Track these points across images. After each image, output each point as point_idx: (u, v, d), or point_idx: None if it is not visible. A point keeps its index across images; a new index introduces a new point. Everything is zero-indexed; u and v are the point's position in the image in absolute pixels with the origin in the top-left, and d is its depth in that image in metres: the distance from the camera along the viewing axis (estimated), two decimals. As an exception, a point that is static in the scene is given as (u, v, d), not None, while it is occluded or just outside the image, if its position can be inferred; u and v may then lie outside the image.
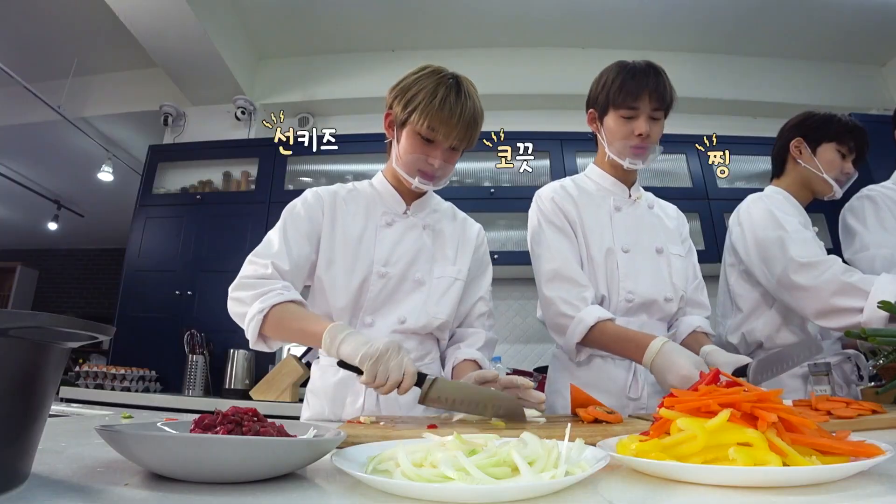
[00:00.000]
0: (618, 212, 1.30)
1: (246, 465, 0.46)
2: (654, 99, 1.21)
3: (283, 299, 0.99)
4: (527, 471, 0.43)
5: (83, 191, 5.22)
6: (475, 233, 1.29)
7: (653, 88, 1.21)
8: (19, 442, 0.41)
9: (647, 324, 1.23)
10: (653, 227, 1.32)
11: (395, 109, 1.11)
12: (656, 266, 1.26)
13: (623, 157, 1.26)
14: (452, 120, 1.05)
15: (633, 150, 1.24)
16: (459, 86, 1.08)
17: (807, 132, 1.47)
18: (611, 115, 1.26)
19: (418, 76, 1.09)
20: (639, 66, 1.24)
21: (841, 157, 1.44)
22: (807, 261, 1.25)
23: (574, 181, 1.37)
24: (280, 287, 1.02)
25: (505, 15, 3.39)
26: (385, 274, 1.12)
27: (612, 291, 1.23)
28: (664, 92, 1.22)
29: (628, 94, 1.21)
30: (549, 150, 3.17)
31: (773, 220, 1.36)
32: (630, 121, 1.23)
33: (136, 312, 3.06)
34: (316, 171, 3.36)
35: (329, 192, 1.19)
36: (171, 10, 2.88)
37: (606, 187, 1.34)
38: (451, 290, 1.17)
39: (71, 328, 0.41)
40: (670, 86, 1.23)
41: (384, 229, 1.17)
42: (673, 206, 1.45)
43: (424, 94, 1.05)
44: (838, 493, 0.42)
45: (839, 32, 3.45)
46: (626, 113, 1.23)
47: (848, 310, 1.17)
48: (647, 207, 1.36)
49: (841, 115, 1.46)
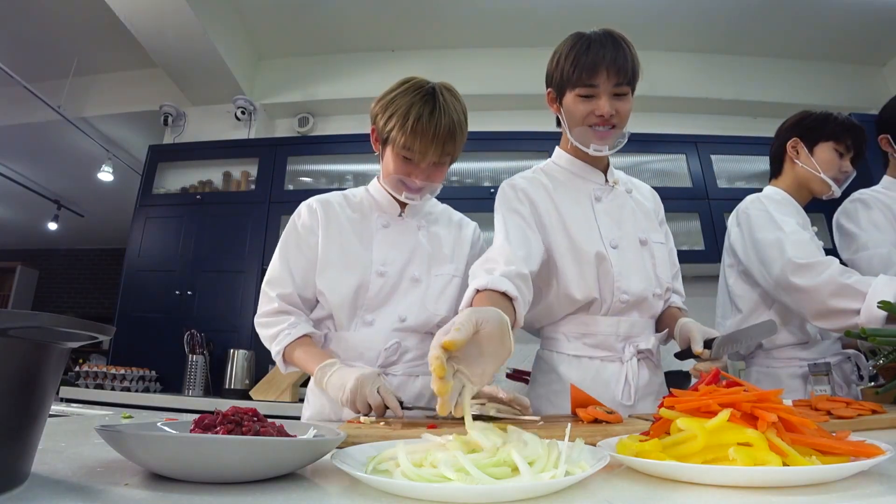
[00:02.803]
0: (598, 202, 1.19)
1: (246, 465, 0.46)
2: (614, 73, 1.06)
3: (291, 339, 1.10)
4: (527, 471, 0.43)
5: (83, 191, 5.22)
6: (471, 231, 1.30)
7: (611, 61, 1.05)
8: (19, 442, 0.41)
9: (638, 323, 1.15)
10: (634, 215, 1.20)
11: (378, 125, 1.12)
12: (643, 260, 1.16)
13: (586, 142, 1.12)
14: (426, 139, 1.04)
15: (596, 133, 1.10)
16: (435, 102, 1.05)
17: (803, 132, 1.47)
18: (568, 96, 1.12)
19: (397, 93, 1.09)
20: (595, 37, 1.09)
21: (838, 156, 1.43)
22: (804, 262, 1.24)
23: (543, 170, 1.25)
24: (287, 326, 1.11)
25: (505, 15, 3.39)
26: (384, 273, 1.14)
27: (606, 292, 1.12)
28: (625, 63, 1.06)
29: (584, 70, 1.07)
30: (548, 151, 3.16)
31: (771, 221, 1.35)
32: (590, 100, 1.09)
33: (136, 312, 3.06)
34: (316, 171, 3.36)
35: (322, 203, 1.21)
36: (171, 10, 2.88)
37: (579, 174, 1.22)
38: (449, 287, 1.18)
39: (71, 328, 0.41)
40: (633, 56, 1.08)
41: (381, 231, 1.20)
42: (647, 186, 1.34)
43: (399, 115, 1.05)
44: (838, 493, 0.42)
45: (839, 32, 3.45)
46: (584, 91, 1.09)
47: (845, 311, 1.16)
48: (626, 193, 1.24)
49: (837, 113, 1.46)
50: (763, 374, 1.42)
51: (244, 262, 3.06)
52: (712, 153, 3.19)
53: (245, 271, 3.04)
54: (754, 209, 1.42)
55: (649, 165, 3.24)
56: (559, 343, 1.17)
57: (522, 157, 3.24)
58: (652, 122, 3.34)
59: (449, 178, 3.25)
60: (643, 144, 3.15)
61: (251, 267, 3.04)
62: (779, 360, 1.40)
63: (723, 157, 3.22)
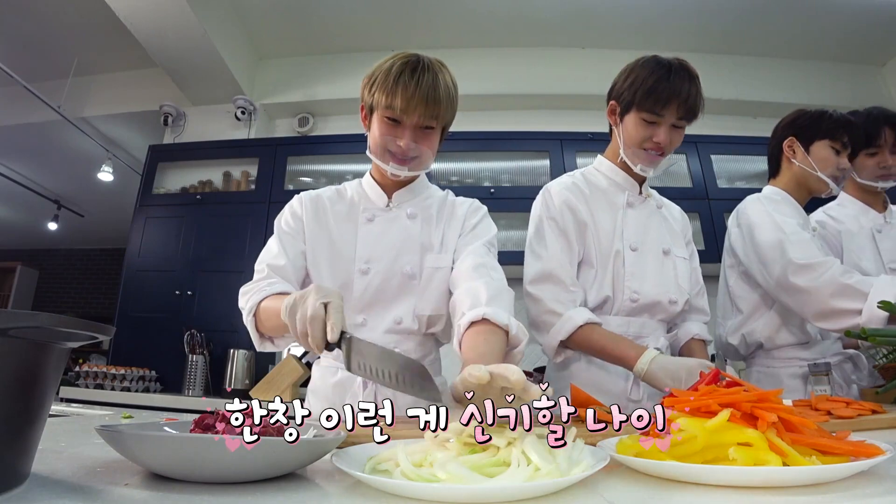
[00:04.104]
0: (630, 208, 1.26)
1: (246, 465, 0.46)
2: (683, 109, 1.13)
3: (266, 294, 0.99)
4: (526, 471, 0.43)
5: (83, 191, 5.22)
6: (464, 209, 1.18)
7: (684, 98, 1.12)
8: (19, 442, 0.41)
9: (648, 324, 1.20)
10: (660, 227, 1.28)
11: (364, 98, 1.09)
12: (663, 267, 1.23)
13: (636, 161, 1.21)
14: (407, 94, 0.99)
15: (648, 157, 1.19)
16: (419, 62, 1.02)
17: (798, 131, 1.46)
18: (632, 115, 1.18)
19: (381, 64, 1.06)
20: (675, 68, 1.14)
21: (835, 154, 1.42)
22: (805, 262, 1.24)
23: (584, 176, 1.31)
24: (265, 284, 1.02)
25: (504, 15, 3.39)
26: (367, 271, 1.08)
27: (617, 290, 1.19)
28: (695, 102, 1.14)
29: (657, 100, 1.13)
30: (548, 150, 3.17)
31: (772, 222, 1.35)
32: (652, 126, 1.16)
33: (136, 312, 3.06)
34: (316, 171, 3.36)
35: (312, 198, 1.18)
36: (171, 10, 2.88)
37: (618, 182, 1.28)
38: (444, 283, 1.10)
39: (71, 328, 0.41)
40: (701, 94, 1.15)
41: (365, 226, 1.13)
42: (678, 207, 1.42)
43: (382, 74, 1.03)
44: (838, 493, 0.42)
45: (839, 32, 3.45)
46: (649, 117, 1.16)
47: (847, 311, 1.17)
48: (656, 207, 1.32)
49: (832, 110, 1.45)
50: (763, 374, 1.42)
51: (244, 262, 3.06)
52: (712, 153, 3.19)
53: (245, 271, 3.01)
54: (754, 210, 1.42)
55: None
56: None
57: (522, 157, 3.24)
58: (652, 122, 3.34)
59: (449, 178, 3.26)
60: (643, 144, 3.15)
61: (251, 267, 3.02)
62: (779, 359, 1.40)
63: (723, 157, 3.22)
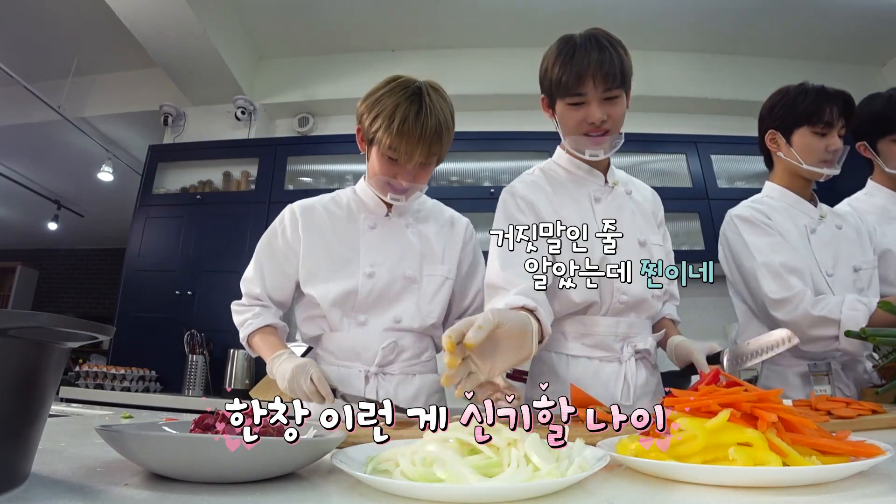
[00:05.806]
0: (598, 203, 1.18)
1: (246, 465, 0.46)
2: (601, 79, 1.03)
3: (252, 330, 1.16)
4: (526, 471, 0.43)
5: (83, 191, 5.22)
6: (462, 228, 1.28)
7: (597, 67, 1.02)
8: (19, 442, 0.41)
9: (637, 323, 1.15)
10: (633, 217, 1.19)
11: (364, 125, 1.11)
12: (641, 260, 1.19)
13: (581, 149, 1.13)
14: (412, 141, 1.03)
15: (590, 140, 1.10)
16: (421, 102, 1.04)
17: (776, 122, 1.39)
18: (559, 104, 1.11)
19: (382, 92, 1.07)
20: (580, 42, 1.06)
21: (819, 138, 1.32)
22: (779, 297, 1.25)
23: (543, 172, 1.24)
24: (251, 316, 1.17)
25: (505, 15, 3.39)
26: (373, 274, 1.14)
27: (605, 293, 1.11)
28: (612, 68, 1.03)
29: (571, 79, 1.04)
30: (548, 151, 3.16)
31: (745, 248, 1.33)
32: (580, 107, 1.08)
33: (136, 312, 3.06)
34: (316, 171, 3.36)
35: (305, 208, 1.21)
36: (171, 10, 2.88)
37: (579, 175, 1.21)
38: (441, 290, 1.18)
39: (71, 328, 0.41)
40: (622, 56, 1.05)
41: (368, 232, 1.18)
42: (648, 187, 1.33)
43: (384, 115, 1.04)
44: (838, 493, 0.42)
45: (839, 32, 3.45)
46: (573, 100, 1.07)
47: (825, 338, 1.22)
48: (626, 194, 1.23)
49: (810, 86, 1.34)
50: (772, 373, 1.41)
51: (244, 263, 3.03)
52: (712, 153, 3.19)
53: (245, 271, 3.04)
54: (731, 233, 1.39)
55: (649, 165, 3.24)
56: (558, 343, 1.16)
57: (522, 157, 3.23)
58: (652, 122, 3.33)
59: (449, 178, 3.25)
60: (643, 144, 3.15)
61: (251, 267, 3.03)
62: (786, 358, 1.39)
63: (723, 157, 3.22)
